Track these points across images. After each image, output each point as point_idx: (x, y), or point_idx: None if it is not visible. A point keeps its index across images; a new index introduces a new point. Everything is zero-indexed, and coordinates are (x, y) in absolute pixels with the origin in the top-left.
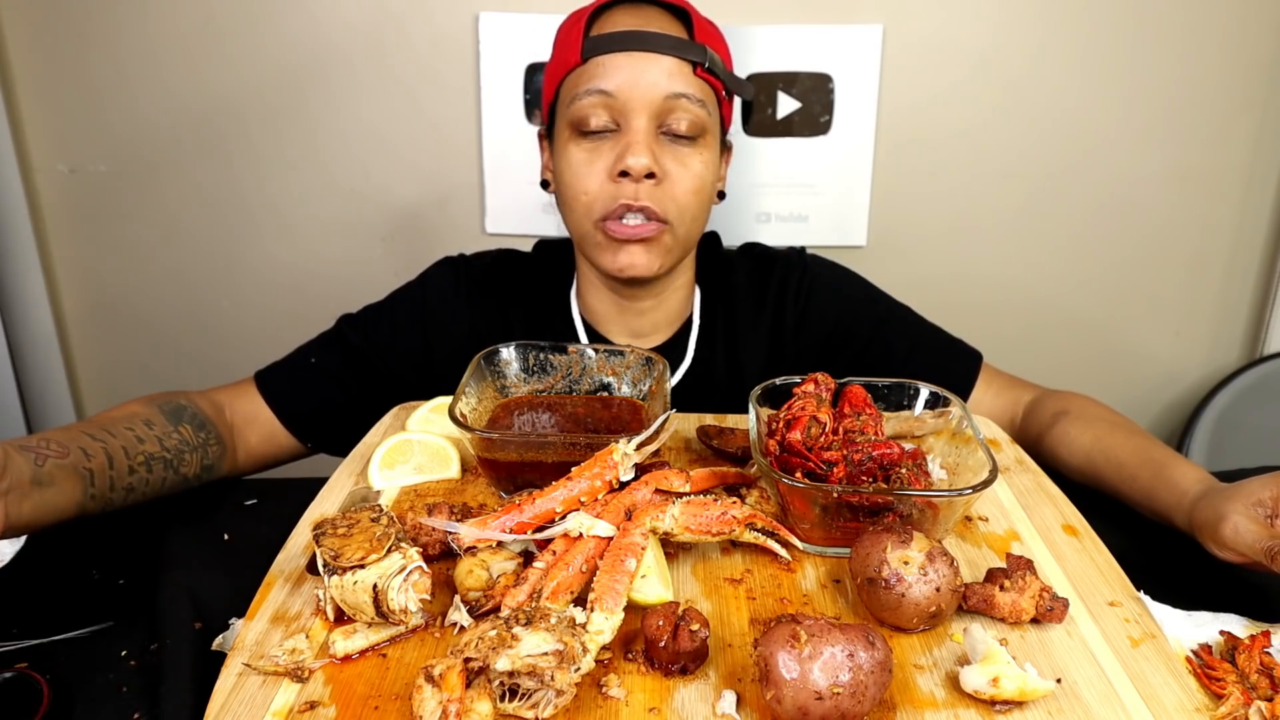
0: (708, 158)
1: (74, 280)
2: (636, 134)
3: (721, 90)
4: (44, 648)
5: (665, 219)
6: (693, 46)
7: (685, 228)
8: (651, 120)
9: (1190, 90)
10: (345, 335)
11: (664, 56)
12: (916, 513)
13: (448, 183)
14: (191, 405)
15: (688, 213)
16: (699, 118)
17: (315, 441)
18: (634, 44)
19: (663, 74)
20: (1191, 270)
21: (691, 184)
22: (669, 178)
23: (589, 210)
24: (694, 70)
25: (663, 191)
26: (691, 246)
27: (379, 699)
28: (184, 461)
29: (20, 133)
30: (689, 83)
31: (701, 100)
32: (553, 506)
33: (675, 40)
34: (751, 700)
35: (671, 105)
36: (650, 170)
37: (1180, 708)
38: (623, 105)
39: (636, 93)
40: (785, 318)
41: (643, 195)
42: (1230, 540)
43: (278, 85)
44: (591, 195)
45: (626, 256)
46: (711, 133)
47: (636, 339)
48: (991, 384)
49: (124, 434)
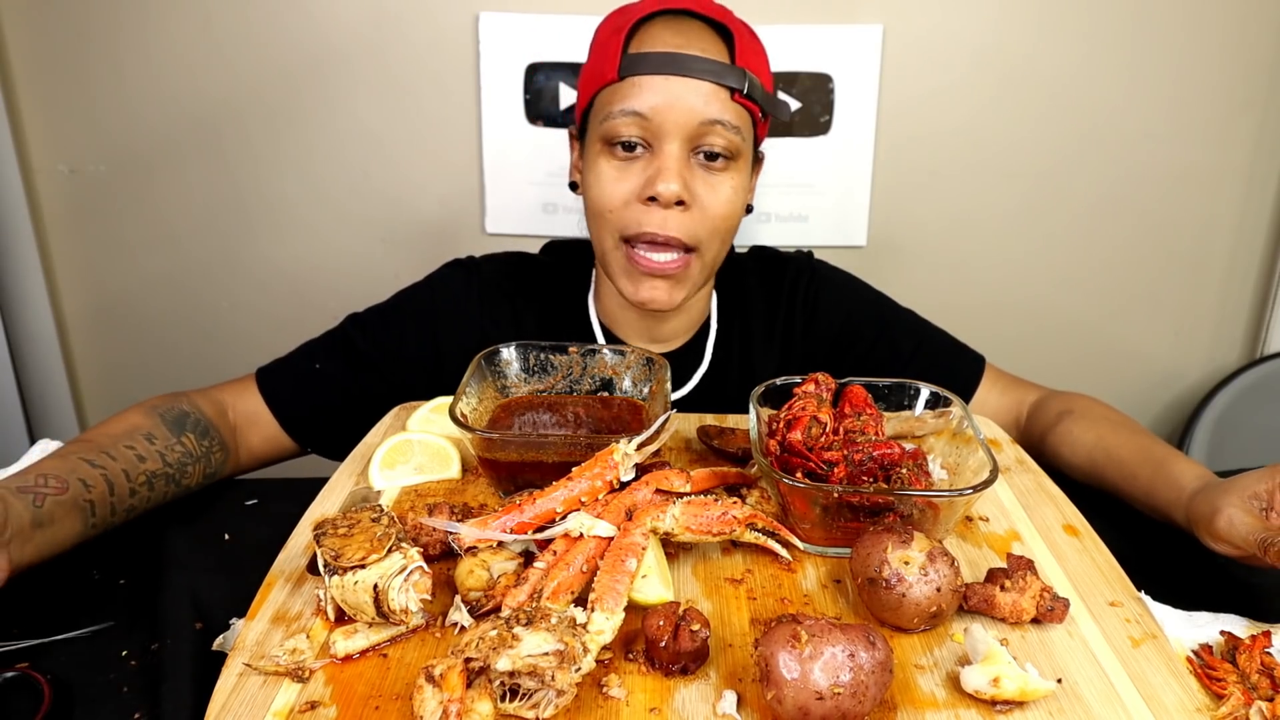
0: (739, 182)
1: (74, 280)
2: (668, 159)
3: (759, 113)
4: (44, 648)
5: (693, 246)
6: (732, 71)
7: (713, 253)
8: (685, 144)
9: (1190, 90)
10: (352, 338)
11: (702, 82)
12: (917, 513)
13: (448, 183)
14: (195, 411)
15: (716, 237)
16: (733, 143)
17: (315, 446)
18: (672, 68)
19: (699, 99)
20: (1191, 270)
21: (722, 210)
22: (698, 202)
23: (614, 227)
24: (731, 96)
25: (691, 218)
26: (717, 267)
27: (379, 699)
28: (186, 474)
29: (20, 133)
30: (725, 108)
31: (737, 126)
32: (553, 506)
33: (715, 65)
34: (752, 700)
35: (706, 130)
36: (680, 197)
37: (1181, 708)
38: (656, 127)
39: (671, 116)
40: (795, 320)
41: (671, 224)
42: (1225, 533)
43: (277, 86)
44: (618, 213)
45: (649, 290)
46: (745, 156)
47: (655, 344)
48: (996, 384)
49: (124, 455)
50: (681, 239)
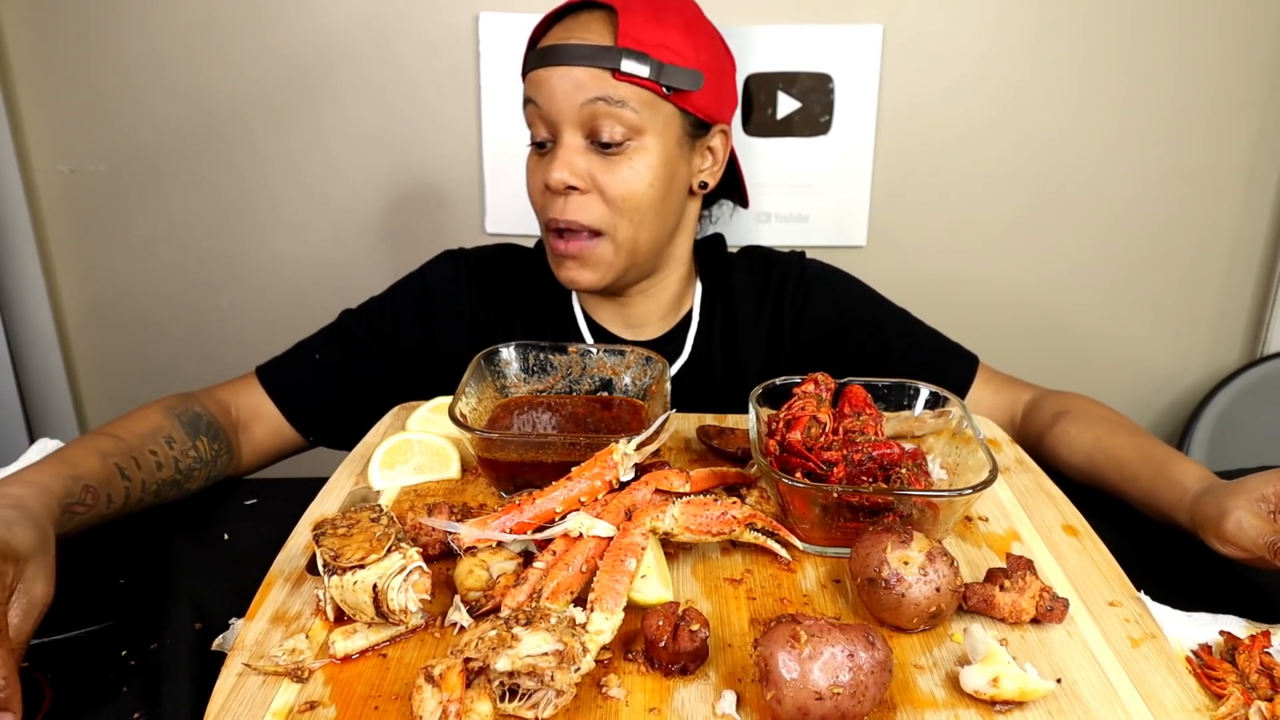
0: (645, 160)
1: (74, 279)
2: (560, 149)
3: (657, 89)
4: (44, 647)
5: (598, 229)
6: (608, 52)
7: (628, 233)
8: (577, 131)
9: (1190, 90)
10: (348, 328)
11: (574, 68)
12: (916, 513)
13: (448, 183)
14: (206, 413)
15: (624, 218)
16: (626, 120)
17: (318, 435)
18: (552, 59)
19: (575, 84)
20: (1191, 270)
21: (619, 191)
22: (596, 185)
23: (539, 217)
24: (613, 75)
25: (589, 202)
26: (649, 250)
27: (379, 699)
28: (192, 478)
29: (20, 133)
30: (607, 88)
31: (622, 101)
32: (553, 506)
33: (589, 49)
34: (751, 700)
35: (591, 111)
36: (569, 184)
37: (1180, 708)
38: (550, 117)
39: (555, 106)
40: (784, 316)
41: (569, 210)
42: (1233, 535)
43: (278, 85)
44: (538, 204)
45: (567, 272)
46: (653, 130)
47: (629, 329)
48: (989, 384)
49: (147, 463)
50: (580, 222)
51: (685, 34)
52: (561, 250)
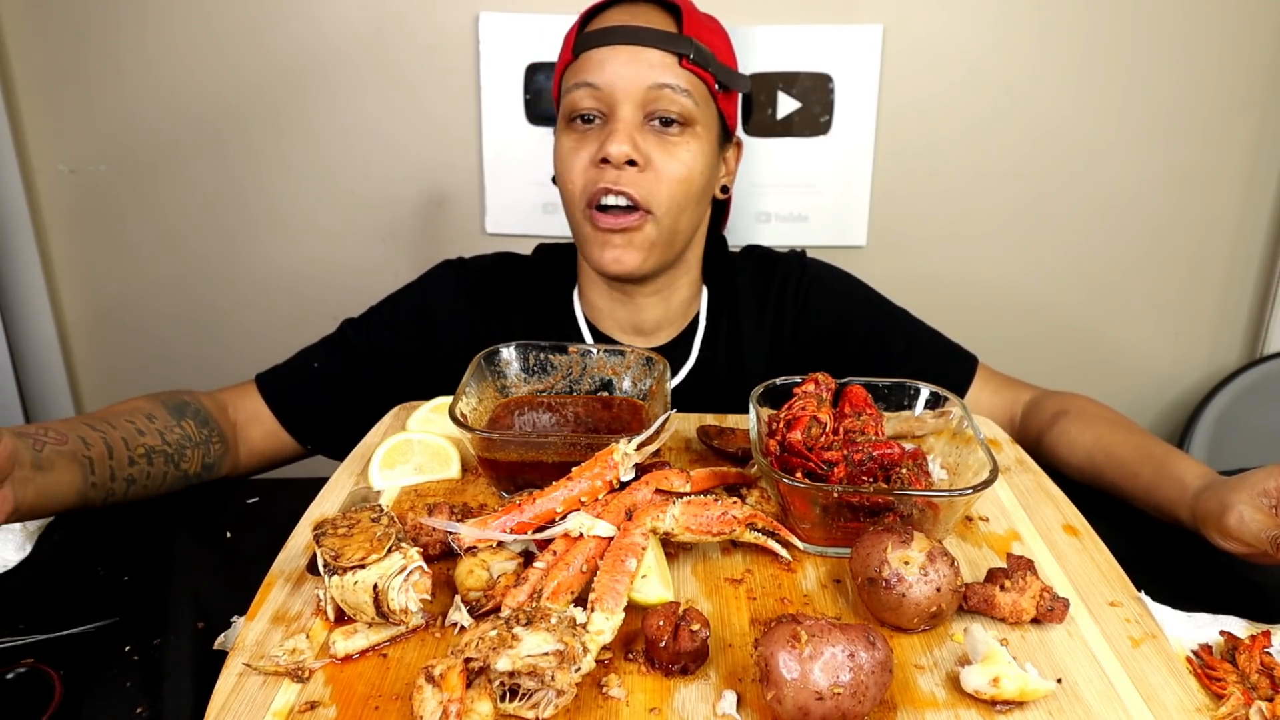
0: (696, 148)
1: (74, 281)
2: (619, 122)
3: (713, 83)
4: (50, 643)
5: (648, 208)
6: (679, 39)
7: (671, 219)
8: (636, 109)
9: (1190, 90)
10: (348, 338)
11: (648, 49)
12: (917, 513)
13: (448, 183)
14: (195, 402)
15: (673, 202)
16: (686, 108)
17: (315, 443)
18: (620, 38)
19: (646, 66)
20: (1191, 270)
21: (677, 172)
22: (652, 165)
23: (576, 197)
24: (679, 62)
25: (646, 179)
26: (682, 243)
27: (379, 699)
28: (185, 457)
29: (20, 133)
30: (674, 74)
31: (688, 90)
32: (553, 506)
33: (661, 34)
34: (752, 700)
35: (656, 95)
36: (630, 157)
37: (1181, 708)
38: (608, 96)
39: (620, 84)
40: (785, 318)
41: (624, 181)
42: (1235, 530)
43: (278, 85)
44: (577, 183)
45: (612, 252)
46: (703, 124)
47: (639, 336)
48: (988, 383)
49: (124, 425)
50: (634, 194)
51: (726, 42)
52: (609, 225)
